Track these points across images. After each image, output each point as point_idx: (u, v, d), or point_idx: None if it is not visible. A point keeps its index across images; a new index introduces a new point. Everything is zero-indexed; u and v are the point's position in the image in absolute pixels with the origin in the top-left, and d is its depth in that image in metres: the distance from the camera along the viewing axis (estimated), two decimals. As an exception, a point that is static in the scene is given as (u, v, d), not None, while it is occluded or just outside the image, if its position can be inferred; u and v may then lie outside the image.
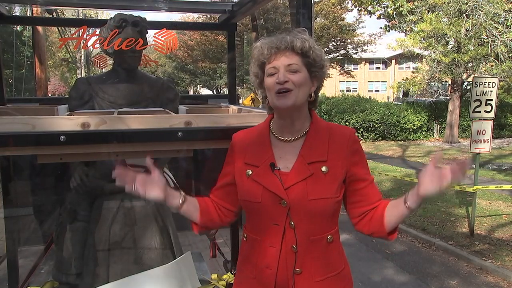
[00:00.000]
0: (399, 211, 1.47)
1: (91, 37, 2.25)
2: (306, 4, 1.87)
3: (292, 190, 1.47)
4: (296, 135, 1.55)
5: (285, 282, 1.48)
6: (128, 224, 2.35)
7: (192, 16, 21.47)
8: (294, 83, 1.45)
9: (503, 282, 5.21)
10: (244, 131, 1.66)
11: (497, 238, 6.45)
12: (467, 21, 18.12)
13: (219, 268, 3.21)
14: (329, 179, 1.49)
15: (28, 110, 2.59)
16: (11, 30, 10.71)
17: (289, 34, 1.49)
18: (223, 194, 1.65)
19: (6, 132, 1.64)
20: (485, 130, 6.44)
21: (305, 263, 1.48)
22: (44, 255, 2.61)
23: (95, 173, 2.43)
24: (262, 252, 1.51)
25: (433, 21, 18.38)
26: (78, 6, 7.38)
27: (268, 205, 1.48)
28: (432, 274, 5.45)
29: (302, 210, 1.46)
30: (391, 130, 20.50)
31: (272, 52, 1.47)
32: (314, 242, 1.49)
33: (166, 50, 2.17)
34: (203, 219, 1.62)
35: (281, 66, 1.46)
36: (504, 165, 13.86)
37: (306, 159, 1.50)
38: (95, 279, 2.31)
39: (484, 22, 17.96)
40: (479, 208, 7.30)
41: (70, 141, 1.65)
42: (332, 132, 1.55)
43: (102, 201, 2.40)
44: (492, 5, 17.98)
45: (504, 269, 5.41)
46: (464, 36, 18.55)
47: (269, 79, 1.49)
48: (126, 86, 2.44)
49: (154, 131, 1.76)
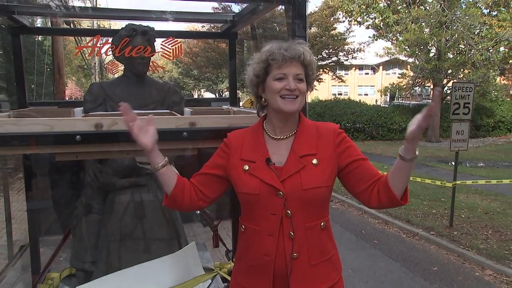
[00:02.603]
0: (398, 167, 1.45)
1: (104, 45, 2.24)
2: (301, 15, 1.87)
3: (287, 182, 1.48)
4: (288, 134, 1.57)
5: (283, 267, 1.48)
6: (138, 217, 2.35)
7: (197, 25, 21.46)
8: (300, 91, 1.50)
9: (478, 267, 5.25)
10: (238, 131, 1.67)
11: (473, 228, 6.47)
12: (447, 32, 18.29)
13: (221, 257, 3.20)
14: (320, 170, 1.50)
15: (48, 112, 2.59)
16: (33, 40, 10.68)
17: (296, 45, 1.51)
18: (205, 180, 1.63)
19: (28, 132, 1.64)
20: (463, 130, 6.45)
21: (301, 248, 1.49)
22: (62, 244, 2.60)
23: (108, 169, 2.42)
24: (261, 241, 1.51)
25: (416, 32, 18.53)
26: (93, 17, 7.38)
27: (266, 197, 1.49)
28: (415, 262, 5.46)
29: (297, 200, 1.47)
30: (379, 130, 20.53)
31: (287, 60, 1.48)
32: (309, 229, 1.50)
33: (172, 57, 2.16)
34: (174, 192, 1.57)
35: (290, 74, 1.49)
36: (480, 162, 13.92)
37: (297, 153, 1.52)
38: (108, 266, 2.31)
39: (462, 33, 18.17)
40: (458, 201, 7.30)
41: (85, 141, 1.66)
42: (319, 129, 1.58)
43: (114, 196, 2.39)
44: (468, 18, 18.17)
45: (479, 256, 5.45)
46: (444, 45, 18.72)
47: (277, 83, 1.50)
48: (136, 90, 2.43)
49: (162, 131, 1.74)
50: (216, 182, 1.62)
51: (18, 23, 2.82)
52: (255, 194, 1.50)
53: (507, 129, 22.31)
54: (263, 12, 2.60)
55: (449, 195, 7.13)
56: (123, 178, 2.40)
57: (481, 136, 21.23)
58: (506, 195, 8.46)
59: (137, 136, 1.49)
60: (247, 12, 2.76)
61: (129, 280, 2.12)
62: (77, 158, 1.82)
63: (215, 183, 1.62)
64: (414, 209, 7.56)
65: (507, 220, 6.77)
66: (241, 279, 1.60)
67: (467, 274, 5.07)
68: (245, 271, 1.59)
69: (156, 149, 1.53)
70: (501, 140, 20.38)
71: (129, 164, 2.39)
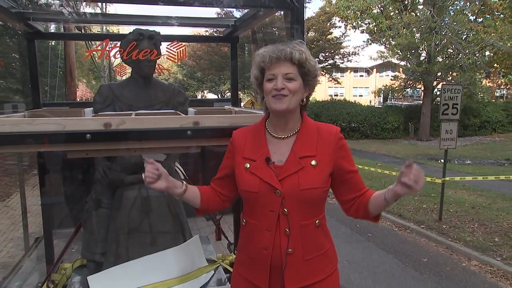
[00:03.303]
0: (380, 202, 1.48)
1: (112, 48, 2.22)
2: (299, 20, 1.85)
3: (286, 181, 1.46)
4: (289, 133, 1.54)
5: (278, 261, 1.48)
6: (145, 211, 2.34)
7: (201, 30, 21.41)
8: (289, 89, 1.46)
9: (465, 258, 5.26)
10: (242, 129, 1.65)
11: (461, 222, 6.47)
12: (436, 37, 18.31)
13: (224, 249, 3.19)
14: (318, 172, 1.48)
15: (60, 112, 2.58)
16: (46, 45, 10.68)
17: (288, 46, 1.48)
18: (222, 183, 1.65)
19: (42, 131, 1.63)
20: (452, 129, 6.44)
21: (296, 244, 1.47)
22: (74, 236, 2.59)
23: (116, 166, 2.41)
24: (260, 235, 1.50)
25: (407, 36, 18.52)
26: (103, 23, 7.36)
27: (265, 195, 1.47)
28: (407, 253, 5.46)
29: (294, 199, 1.45)
30: (373, 130, 20.51)
31: (273, 61, 1.46)
32: (304, 227, 1.49)
33: (177, 59, 2.15)
34: (202, 205, 1.64)
35: (279, 74, 1.46)
36: (467, 159, 13.91)
37: (297, 154, 1.49)
38: (117, 258, 2.30)
39: (450, 38, 18.24)
40: (446, 197, 7.30)
41: (94, 139, 1.65)
42: (320, 131, 1.54)
43: (122, 191, 2.38)
44: (456, 24, 18.26)
45: (466, 248, 5.47)
46: (433, 50, 18.75)
47: (267, 84, 1.48)
48: (143, 91, 2.42)
49: (167, 130, 1.75)
50: (232, 181, 1.62)
51: (33, 28, 2.82)
52: (255, 192, 1.48)
53: (492, 128, 22.35)
54: (263, 18, 2.59)
55: (438, 191, 7.13)
56: (131, 174, 2.39)
57: (468, 135, 21.21)
58: (491, 191, 8.47)
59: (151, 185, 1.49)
60: (248, 17, 2.75)
61: (137, 271, 2.12)
62: (87, 156, 1.81)
63: (231, 183, 1.62)
64: (405, 204, 7.55)
65: (492, 214, 6.77)
66: (241, 270, 1.60)
67: (455, 265, 5.08)
68: (245, 262, 1.59)
69: (171, 184, 1.53)
70: (487, 139, 20.41)
71: (136, 161, 2.39)
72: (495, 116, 22.32)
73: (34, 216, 3.78)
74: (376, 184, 9.04)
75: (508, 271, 4.78)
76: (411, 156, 14.25)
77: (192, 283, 2.16)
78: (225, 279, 2.29)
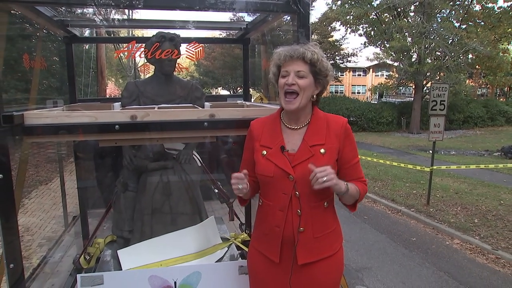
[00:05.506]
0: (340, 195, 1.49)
1: (138, 49, 2.21)
2: (305, 24, 1.81)
3: (298, 168, 1.45)
4: (301, 124, 1.54)
5: (290, 237, 1.48)
6: (166, 194, 2.33)
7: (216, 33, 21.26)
8: (299, 86, 1.45)
9: (448, 237, 5.24)
10: (259, 119, 1.63)
11: (446, 205, 6.40)
12: (426, 41, 18.24)
13: (236, 229, 3.19)
14: (326, 159, 1.47)
15: (92, 106, 2.60)
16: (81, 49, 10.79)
17: (303, 46, 1.46)
18: (251, 168, 1.59)
19: (77, 123, 1.64)
20: (439, 123, 6.37)
21: (307, 223, 1.47)
22: (105, 216, 2.61)
23: (141, 154, 2.40)
24: (273, 215, 1.50)
25: (400, 40, 18.36)
26: (129, 27, 7.33)
27: (279, 179, 1.47)
28: (398, 234, 5.42)
29: (305, 183, 1.44)
30: (370, 123, 20.39)
31: (287, 59, 1.46)
32: (314, 208, 1.48)
33: (195, 58, 2.12)
34: (251, 193, 1.62)
35: (291, 71, 1.45)
36: (452, 150, 13.75)
37: (308, 143, 1.48)
38: (142, 235, 2.30)
39: (438, 42, 18.17)
40: (434, 183, 7.22)
41: (122, 129, 1.65)
42: (329, 121, 1.53)
43: (146, 176, 2.37)
44: (443, 30, 18.16)
45: (450, 228, 5.44)
46: (423, 52, 18.66)
47: (281, 79, 1.48)
48: (164, 87, 2.40)
49: (185, 122, 1.73)
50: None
51: (71, 34, 2.84)
52: (270, 176, 1.48)
53: (474, 123, 22.24)
54: (272, 21, 2.53)
55: (427, 178, 7.04)
56: (154, 161, 2.38)
57: (453, 129, 21.04)
58: (473, 178, 8.41)
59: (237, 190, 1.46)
60: (258, 21, 2.71)
61: (159, 247, 2.12)
62: (116, 144, 1.80)
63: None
64: (398, 190, 7.51)
65: (472, 199, 6.70)
66: (257, 245, 1.62)
67: (439, 243, 5.05)
68: (260, 238, 1.60)
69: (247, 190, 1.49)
70: (469, 133, 20.25)
71: (158, 150, 2.38)
72: (476, 112, 22.19)
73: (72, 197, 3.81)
74: (372, 172, 8.99)
75: (485, 248, 4.79)
76: (403, 147, 14.10)
77: (208, 258, 2.15)
78: (237, 255, 2.28)
